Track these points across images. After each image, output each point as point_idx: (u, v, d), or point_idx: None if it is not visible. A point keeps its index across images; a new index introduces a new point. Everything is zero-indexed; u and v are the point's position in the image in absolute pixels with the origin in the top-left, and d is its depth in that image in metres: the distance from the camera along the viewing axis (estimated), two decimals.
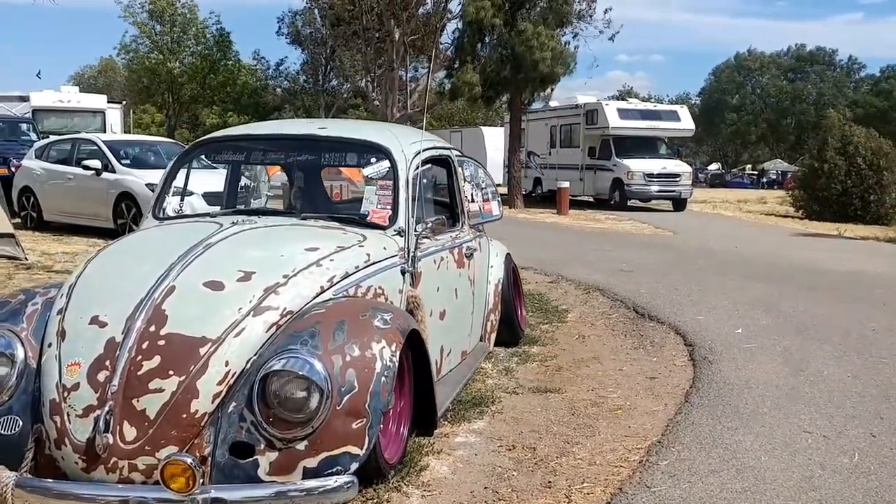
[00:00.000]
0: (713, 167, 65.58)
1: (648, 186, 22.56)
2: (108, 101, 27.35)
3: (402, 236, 4.19)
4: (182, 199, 4.89)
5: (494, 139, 30.50)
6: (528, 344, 6.18)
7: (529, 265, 9.73)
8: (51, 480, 3.01)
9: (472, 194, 5.48)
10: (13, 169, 15.19)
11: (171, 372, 3.08)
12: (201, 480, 2.88)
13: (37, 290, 3.68)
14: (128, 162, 13.34)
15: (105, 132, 22.35)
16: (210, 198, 9.94)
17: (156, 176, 9.72)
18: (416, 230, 4.29)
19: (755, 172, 59.58)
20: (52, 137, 16.35)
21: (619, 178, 22.91)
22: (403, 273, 4.10)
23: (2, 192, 10.66)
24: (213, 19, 44.88)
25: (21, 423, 3.19)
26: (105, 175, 13.00)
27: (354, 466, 3.04)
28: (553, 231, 16.85)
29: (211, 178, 7.82)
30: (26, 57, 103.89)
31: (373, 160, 4.51)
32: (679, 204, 23.01)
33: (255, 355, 3.17)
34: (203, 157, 5.34)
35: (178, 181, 4.90)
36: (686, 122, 25.09)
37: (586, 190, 24.56)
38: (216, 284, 3.34)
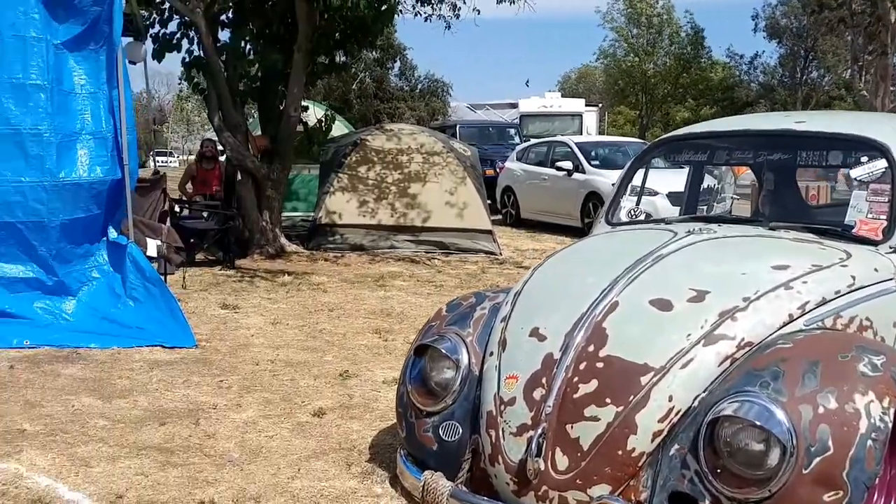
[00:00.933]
0: None
1: None
2: (586, 105, 28.62)
3: None
4: (638, 202, 4.57)
5: None
6: None
7: None
8: (485, 498, 2.90)
9: None
10: (498, 170, 16.59)
11: (607, 400, 2.76)
12: None
13: (486, 293, 3.66)
14: (597, 163, 13.64)
15: (581, 134, 23.36)
16: (675, 199, 9.62)
17: None
18: None
19: None
20: (532, 140, 17.51)
21: None
22: None
23: (485, 191, 11.55)
24: (687, 18, 44.32)
25: (461, 432, 3.15)
26: (575, 175, 13.44)
27: None
28: None
29: (677, 179, 7.48)
30: (518, 67, 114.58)
31: (864, 159, 3.69)
32: None
33: (703, 392, 2.70)
34: (662, 157, 4.96)
35: (637, 183, 4.59)
36: None
37: None
38: (663, 303, 2.94)
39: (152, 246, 6.82)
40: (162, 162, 40.49)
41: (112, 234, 6.08)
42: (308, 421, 4.21)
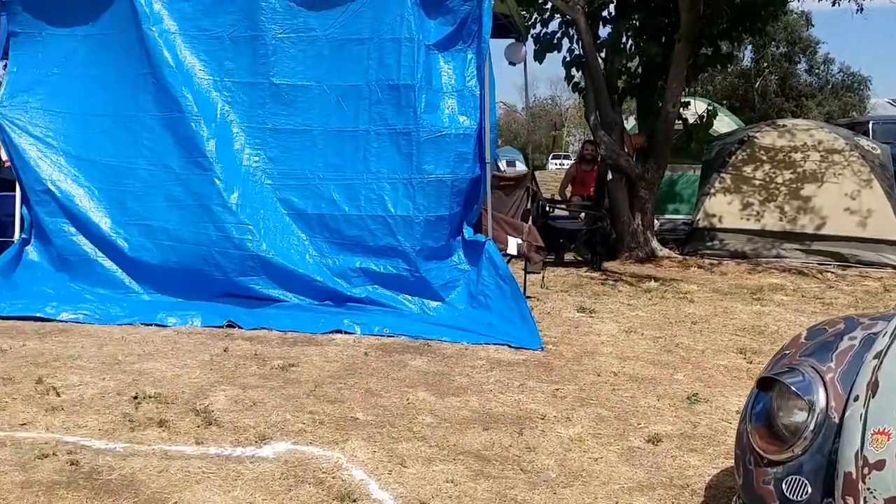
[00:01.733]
0: None
1: None
2: None
3: None
4: None
5: None
6: None
7: None
8: None
9: None
10: None
11: None
12: None
13: (860, 319, 2.90)
14: None
15: None
16: None
17: None
18: None
19: None
20: None
21: None
22: None
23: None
24: None
25: (810, 491, 2.50)
26: None
27: None
28: None
29: None
30: None
31: None
32: None
33: None
34: None
35: None
36: None
37: None
38: None
39: (513, 244, 6.79)
40: (559, 165, 41.95)
41: (468, 232, 6.16)
42: (640, 447, 3.76)
